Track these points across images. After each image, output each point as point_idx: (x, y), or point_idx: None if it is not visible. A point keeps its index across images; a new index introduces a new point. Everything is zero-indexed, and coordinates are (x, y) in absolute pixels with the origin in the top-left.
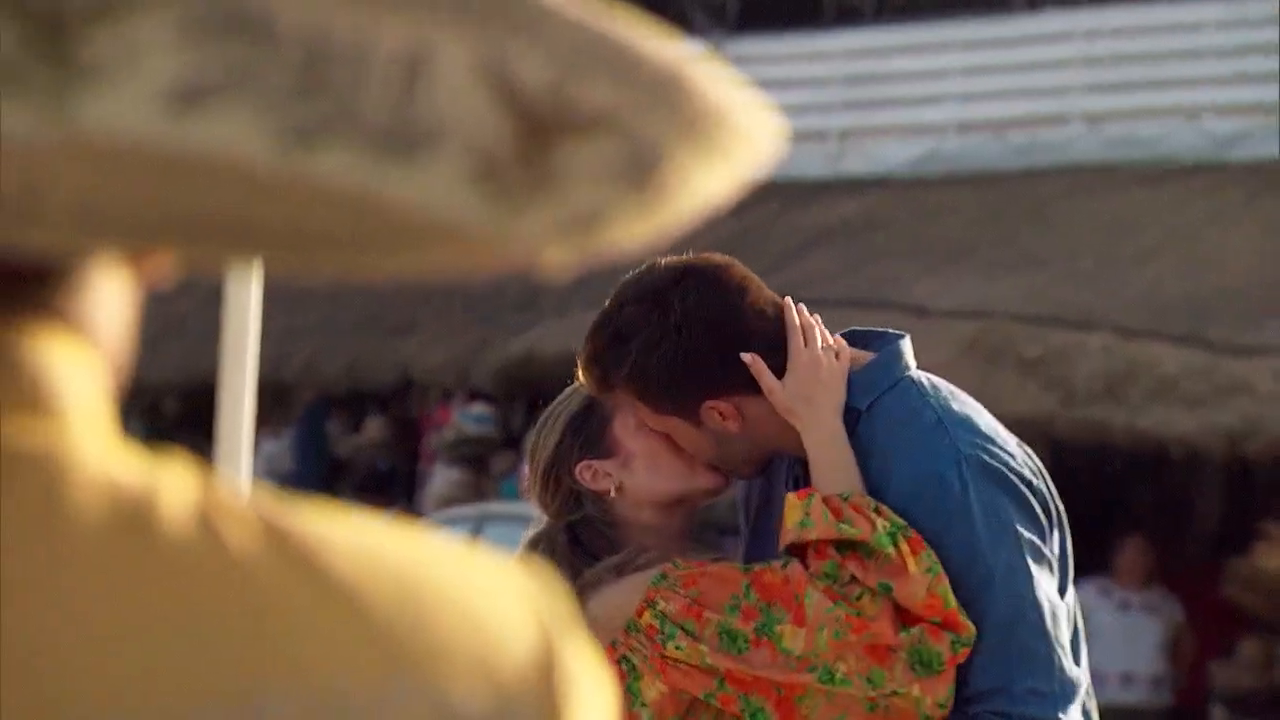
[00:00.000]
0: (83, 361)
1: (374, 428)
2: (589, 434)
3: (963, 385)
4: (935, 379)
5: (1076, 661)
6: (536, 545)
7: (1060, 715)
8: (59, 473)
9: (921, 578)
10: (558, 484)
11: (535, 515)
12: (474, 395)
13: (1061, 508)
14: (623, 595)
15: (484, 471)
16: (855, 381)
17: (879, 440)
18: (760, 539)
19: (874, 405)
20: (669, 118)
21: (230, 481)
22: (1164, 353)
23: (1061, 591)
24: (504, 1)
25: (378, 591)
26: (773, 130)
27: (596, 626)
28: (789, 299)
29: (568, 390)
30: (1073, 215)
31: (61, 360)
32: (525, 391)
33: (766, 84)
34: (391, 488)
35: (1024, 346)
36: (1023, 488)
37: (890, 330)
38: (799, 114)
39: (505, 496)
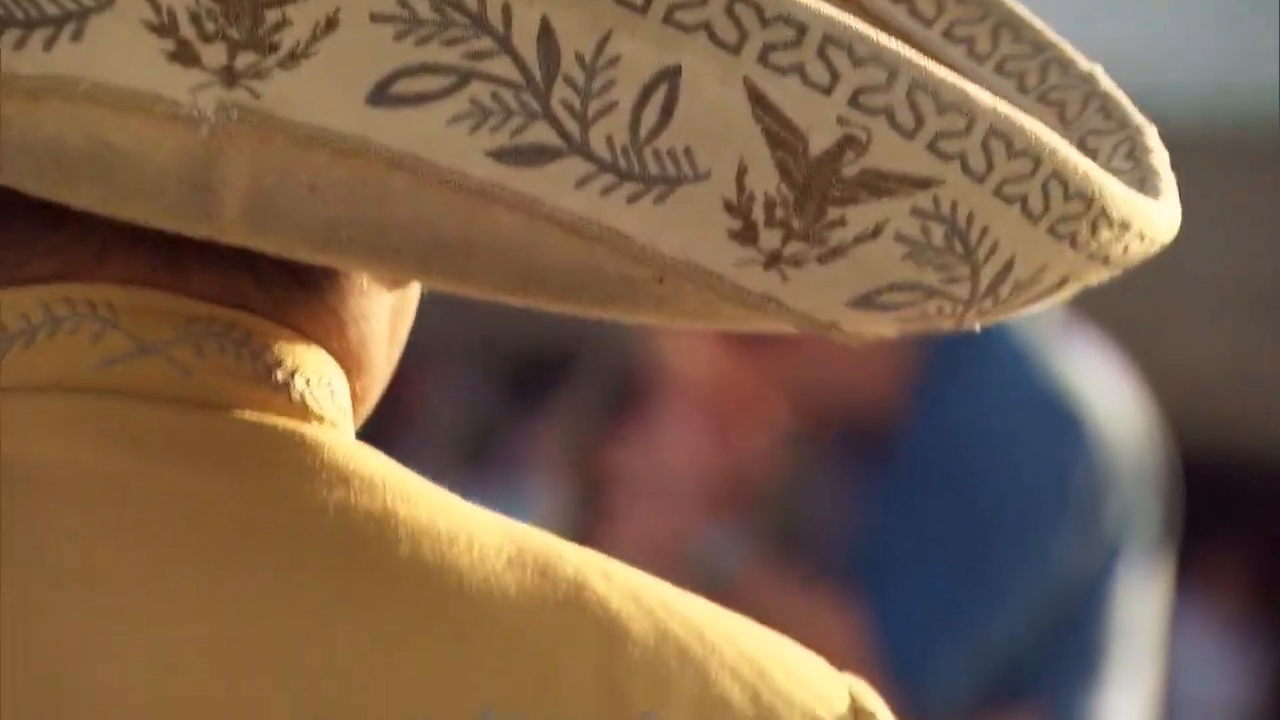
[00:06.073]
0: (333, 378)
1: None
2: None
3: None
4: None
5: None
6: None
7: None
8: (314, 454)
9: None
10: None
11: None
12: None
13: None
14: None
15: None
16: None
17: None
18: None
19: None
20: (999, 193)
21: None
22: None
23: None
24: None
25: (648, 633)
26: (1166, 221)
27: None
28: None
29: None
30: None
31: (315, 371)
32: None
33: None
34: None
35: None
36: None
37: None
38: None
39: None
